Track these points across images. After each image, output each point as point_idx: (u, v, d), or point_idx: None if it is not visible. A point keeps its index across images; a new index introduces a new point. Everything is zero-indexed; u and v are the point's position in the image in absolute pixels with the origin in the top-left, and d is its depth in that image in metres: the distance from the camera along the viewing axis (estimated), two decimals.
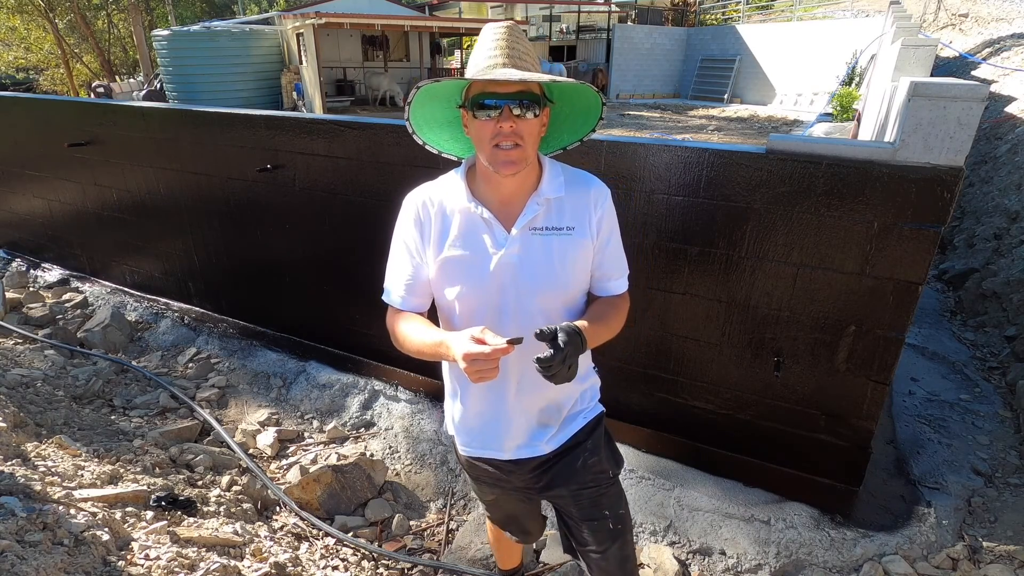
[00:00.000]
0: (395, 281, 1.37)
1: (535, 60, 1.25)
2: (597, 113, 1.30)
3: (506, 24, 1.23)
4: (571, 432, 1.46)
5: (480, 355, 1.07)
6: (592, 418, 1.51)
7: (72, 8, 19.87)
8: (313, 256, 3.34)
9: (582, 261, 1.31)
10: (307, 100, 14.16)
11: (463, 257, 1.28)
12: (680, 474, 2.59)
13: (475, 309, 1.31)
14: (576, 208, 1.30)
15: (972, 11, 12.78)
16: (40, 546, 1.58)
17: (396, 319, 1.35)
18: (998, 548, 2.23)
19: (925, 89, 1.79)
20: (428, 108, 1.31)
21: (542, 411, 1.42)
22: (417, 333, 1.28)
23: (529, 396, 1.38)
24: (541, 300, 1.29)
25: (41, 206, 4.70)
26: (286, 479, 2.74)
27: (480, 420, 1.44)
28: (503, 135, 1.16)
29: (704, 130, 12.27)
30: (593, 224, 1.31)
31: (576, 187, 1.32)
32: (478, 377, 1.08)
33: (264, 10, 28.15)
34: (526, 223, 1.27)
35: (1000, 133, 6.73)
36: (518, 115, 1.16)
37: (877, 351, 2.10)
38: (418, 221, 1.32)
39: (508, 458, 1.44)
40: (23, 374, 3.29)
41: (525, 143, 1.18)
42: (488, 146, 1.18)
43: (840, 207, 2.00)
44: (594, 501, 1.49)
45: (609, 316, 1.33)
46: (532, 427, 1.42)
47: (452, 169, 1.36)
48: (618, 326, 1.36)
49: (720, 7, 21.12)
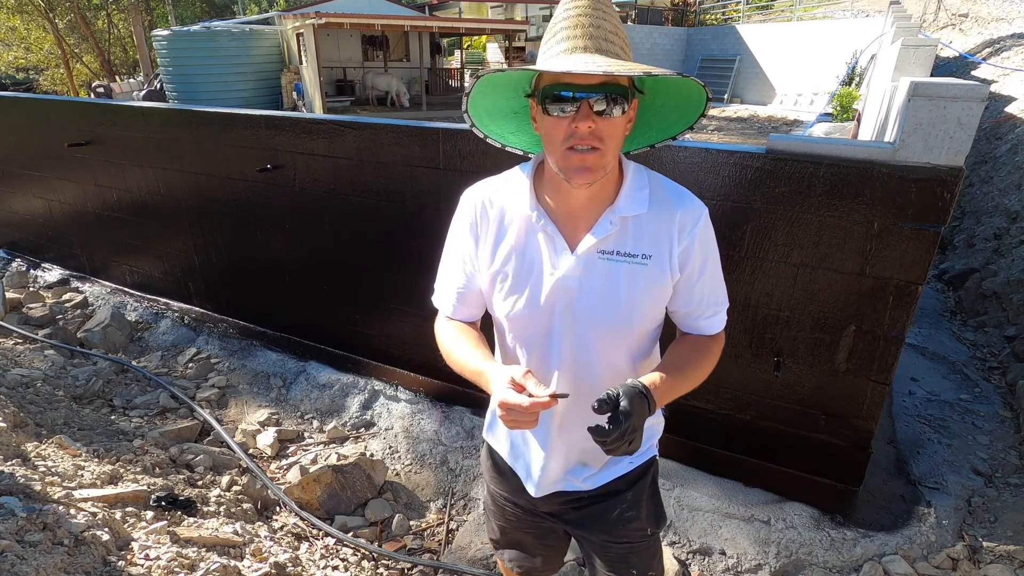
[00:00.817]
0: (446, 288, 1.22)
1: (624, 42, 1.02)
2: (699, 108, 1.08)
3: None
4: (614, 474, 1.27)
5: (518, 406, 0.93)
6: (641, 463, 1.30)
7: (72, 8, 19.88)
8: (313, 256, 3.34)
9: (655, 297, 1.10)
10: (307, 100, 14.16)
11: (515, 274, 1.11)
12: (680, 474, 2.59)
13: (525, 333, 1.15)
14: (657, 233, 1.07)
15: (972, 11, 12.78)
16: (40, 546, 1.58)
17: (444, 329, 1.22)
18: (998, 548, 2.23)
19: (925, 89, 1.79)
20: (491, 98, 1.12)
21: (584, 451, 1.24)
22: (461, 353, 1.14)
23: (572, 433, 1.20)
24: (599, 336, 1.11)
25: (41, 206, 4.70)
26: (286, 479, 2.74)
27: (521, 443, 1.29)
28: (579, 136, 0.95)
29: (704, 130, 12.28)
30: (675, 256, 1.08)
31: (662, 206, 1.08)
32: (513, 425, 0.95)
33: (264, 10, 28.15)
34: (594, 244, 1.06)
35: (1000, 133, 6.73)
36: (600, 112, 0.95)
37: (877, 351, 2.10)
38: (473, 225, 1.16)
39: (539, 495, 1.28)
40: (23, 374, 3.29)
41: (605, 146, 0.97)
42: (560, 148, 0.98)
43: (840, 207, 1.99)
44: (623, 557, 1.32)
45: (692, 364, 1.12)
46: (571, 465, 1.25)
47: (519, 164, 1.18)
48: (704, 374, 1.14)
49: (720, 7, 21.11)
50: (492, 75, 1.03)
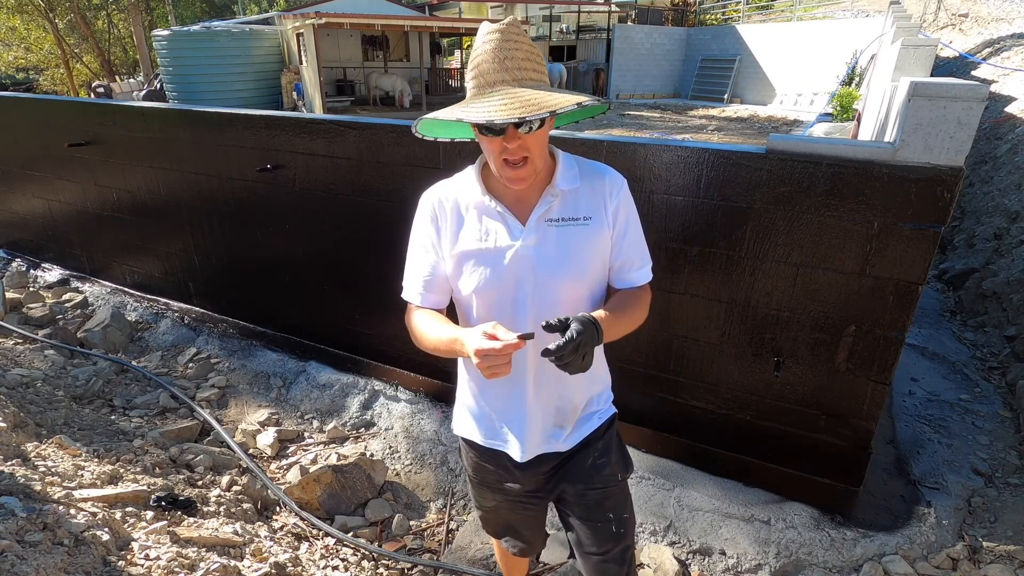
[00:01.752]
0: (413, 278, 1.36)
1: (538, 64, 1.19)
2: (603, 107, 1.32)
3: (499, 29, 1.15)
4: (585, 432, 1.46)
5: (492, 350, 1.06)
6: (606, 419, 1.50)
7: (72, 8, 19.88)
8: (313, 256, 3.34)
9: (600, 251, 1.30)
10: (307, 100, 14.16)
11: (478, 250, 1.28)
12: (680, 474, 2.59)
13: (492, 303, 1.30)
14: (591, 198, 1.30)
15: (972, 11, 12.78)
16: (40, 546, 1.58)
17: (414, 316, 1.35)
18: (998, 548, 2.23)
19: (925, 89, 1.79)
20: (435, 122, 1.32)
21: (559, 410, 1.41)
22: (433, 330, 1.28)
23: (547, 392, 1.37)
24: (559, 292, 1.28)
25: (41, 206, 4.70)
26: (286, 479, 2.74)
27: (499, 417, 1.43)
28: (510, 151, 1.16)
29: (704, 130, 12.28)
30: (609, 213, 1.30)
31: (590, 178, 1.31)
32: (491, 373, 1.08)
33: (264, 10, 28.16)
34: (540, 214, 1.26)
35: (1000, 133, 6.73)
36: (524, 132, 1.15)
37: (877, 351, 2.10)
38: (434, 218, 1.33)
39: (524, 460, 1.42)
40: (23, 374, 3.29)
41: (533, 154, 1.18)
42: (497, 160, 1.19)
43: (840, 207, 1.99)
44: (598, 502, 1.47)
45: (629, 307, 1.31)
46: (549, 427, 1.42)
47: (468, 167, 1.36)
48: (640, 317, 1.33)
49: (720, 7, 21.11)
50: (425, 121, 1.27)
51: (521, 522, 1.67)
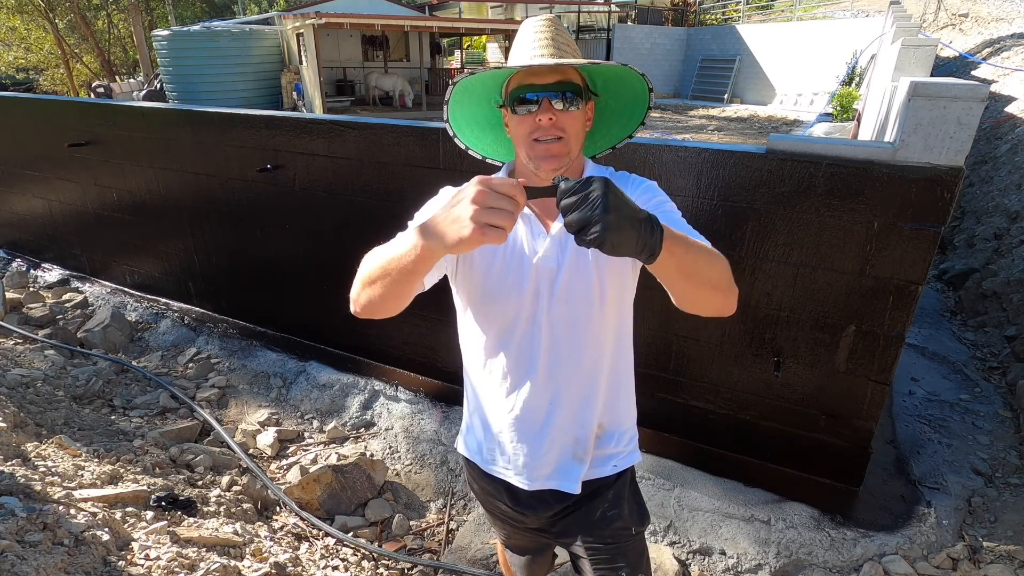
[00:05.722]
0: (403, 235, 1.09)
1: (577, 52, 1.18)
2: (644, 103, 1.20)
3: (546, 16, 1.17)
4: (599, 475, 1.32)
5: (497, 184, 0.85)
6: (623, 468, 1.35)
7: (72, 8, 19.87)
8: (313, 256, 3.34)
9: (625, 265, 1.19)
10: (307, 100, 14.16)
11: (494, 250, 1.18)
12: (680, 474, 2.59)
13: (503, 317, 1.20)
14: None
15: (972, 11, 12.78)
16: (40, 546, 1.58)
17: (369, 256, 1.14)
18: (998, 548, 2.23)
19: (925, 89, 1.79)
20: (468, 108, 1.24)
21: (577, 441, 1.27)
22: (390, 248, 1.04)
23: (566, 415, 1.24)
24: (576, 306, 1.18)
25: (41, 206, 4.70)
26: (286, 479, 2.74)
27: (508, 440, 1.29)
28: (542, 129, 1.09)
29: (704, 130, 12.27)
30: None
31: (622, 186, 1.18)
32: (485, 219, 0.84)
33: (264, 10, 28.15)
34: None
35: (1000, 133, 6.73)
36: (559, 108, 1.09)
37: (877, 351, 2.10)
38: None
39: (533, 488, 1.29)
40: (23, 374, 3.29)
41: (568, 136, 1.10)
42: (527, 141, 1.11)
43: (840, 207, 1.99)
44: (610, 559, 1.35)
45: (705, 249, 1.03)
46: (565, 458, 1.28)
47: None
48: (716, 265, 1.03)
49: (720, 7, 21.11)
50: (467, 80, 1.15)
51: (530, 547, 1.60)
